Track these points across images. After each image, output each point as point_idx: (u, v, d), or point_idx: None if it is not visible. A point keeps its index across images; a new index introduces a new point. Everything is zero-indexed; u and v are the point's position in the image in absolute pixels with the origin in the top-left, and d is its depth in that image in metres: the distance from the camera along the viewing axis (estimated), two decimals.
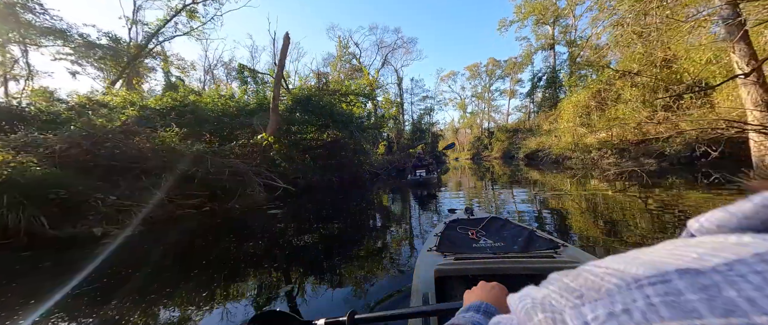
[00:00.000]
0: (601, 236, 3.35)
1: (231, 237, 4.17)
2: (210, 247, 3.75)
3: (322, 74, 17.26)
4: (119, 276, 2.81)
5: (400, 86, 36.55)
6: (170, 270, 3.05)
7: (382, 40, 33.74)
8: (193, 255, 3.49)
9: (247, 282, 2.63)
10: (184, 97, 8.77)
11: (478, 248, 1.72)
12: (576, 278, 0.22)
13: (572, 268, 0.23)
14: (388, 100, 23.17)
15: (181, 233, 4.50)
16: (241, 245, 3.77)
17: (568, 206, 5.14)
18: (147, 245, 3.94)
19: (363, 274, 2.70)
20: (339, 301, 2.19)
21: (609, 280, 0.19)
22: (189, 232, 4.54)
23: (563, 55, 31.18)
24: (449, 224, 2.10)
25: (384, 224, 4.80)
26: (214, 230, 4.60)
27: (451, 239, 1.84)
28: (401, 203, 6.96)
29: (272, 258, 3.23)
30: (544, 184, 8.75)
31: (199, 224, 4.88)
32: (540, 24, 31.18)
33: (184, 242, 4.06)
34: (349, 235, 4.17)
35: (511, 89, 45.83)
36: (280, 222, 4.97)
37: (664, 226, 3.58)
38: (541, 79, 32.71)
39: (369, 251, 3.36)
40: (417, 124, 34.61)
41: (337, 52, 27.94)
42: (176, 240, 4.16)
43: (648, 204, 4.78)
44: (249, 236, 4.17)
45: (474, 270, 1.39)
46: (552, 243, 1.64)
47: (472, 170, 17.65)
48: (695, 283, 0.16)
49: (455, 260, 1.47)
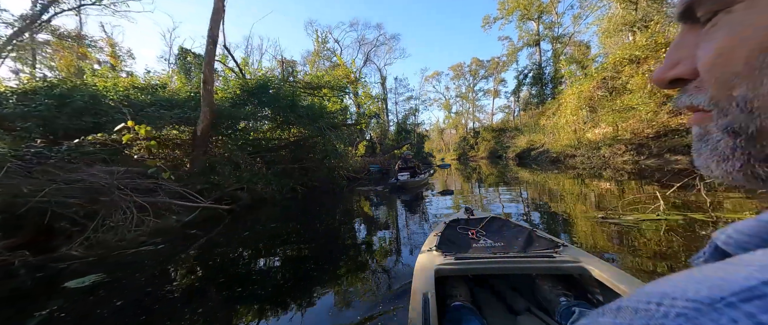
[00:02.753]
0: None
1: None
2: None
3: (287, 62, 14.48)
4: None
5: (384, 85, 34.40)
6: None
7: (363, 36, 31.57)
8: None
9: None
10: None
11: (478, 247, 1.64)
12: (618, 313, 0.18)
13: (572, 268, 0.15)
14: (368, 95, 20.53)
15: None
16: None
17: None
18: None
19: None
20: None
21: (672, 303, 0.16)
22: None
23: (548, 52, 29.94)
24: (449, 223, 2.02)
25: (350, 252, 3.31)
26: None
27: (451, 239, 1.77)
28: (380, 214, 5.47)
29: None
30: (572, 194, 6.48)
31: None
32: (525, 19, 29.73)
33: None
34: (295, 271, 2.72)
35: (494, 89, 44.88)
36: (156, 269, 2.70)
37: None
38: (527, 76, 31.27)
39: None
40: (402, 125, 32.42)
41: (315, 48, 25.31)
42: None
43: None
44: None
45: (474, 270, 1.37)
46: (552, 243, 1.57)
47: (460, 171, 15.44)
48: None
49: (455, 260, 1.41)
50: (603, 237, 2.98)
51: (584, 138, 12.16)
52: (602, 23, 18.44)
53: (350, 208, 6.38)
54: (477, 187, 8.70)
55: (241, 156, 7.49)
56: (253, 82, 9.16)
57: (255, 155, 8.41)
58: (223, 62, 11.42)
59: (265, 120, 9.93)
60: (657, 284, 0.18)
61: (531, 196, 6.21)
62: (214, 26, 6.71)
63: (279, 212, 6.13)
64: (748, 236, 0.20)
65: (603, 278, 1.16)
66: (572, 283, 1.45)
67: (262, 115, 9.21)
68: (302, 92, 11.12)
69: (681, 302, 0.15)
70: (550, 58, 29.61)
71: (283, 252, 3.33)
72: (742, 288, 0.14)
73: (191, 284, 2.55)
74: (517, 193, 6.69)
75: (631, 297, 0.18)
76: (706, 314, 0.14)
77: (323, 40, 25.72)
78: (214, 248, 3.50)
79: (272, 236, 4.06)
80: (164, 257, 3.17)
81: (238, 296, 2.24)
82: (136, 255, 3.21)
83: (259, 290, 2.35)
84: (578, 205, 4.76)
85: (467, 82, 46.93)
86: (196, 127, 6.97)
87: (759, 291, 0.14)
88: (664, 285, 0.17)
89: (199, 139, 7.00)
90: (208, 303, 2.14)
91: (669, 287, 0.17)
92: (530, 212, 4.59)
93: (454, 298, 1.31)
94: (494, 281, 1.59)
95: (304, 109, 9.33)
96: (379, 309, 1.87)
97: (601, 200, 4.92)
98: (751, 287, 0.14)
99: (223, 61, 11.44)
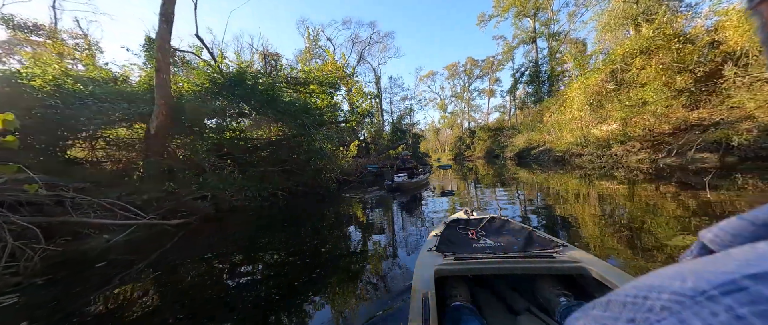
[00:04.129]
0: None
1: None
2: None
3: (271, 55, 13.18)
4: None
5: (378, 85, 33.34)
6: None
7: (356, 35, 30.39)
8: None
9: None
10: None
11: (477, 247, 1.62)
12: (607, 306, 0.19)
13: (571, 268, 0.16)
14: (360, 91, 19.11)
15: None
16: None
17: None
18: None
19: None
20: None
21: (658, 296, 0.16)
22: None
23: (544, 50, 29.13)
24: (449, 223, 2.00)
25: (340, 262, 2.81)
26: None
27: (450, 239, 1.75)
28: (374, 217, 5.04)
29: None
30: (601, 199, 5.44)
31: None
32: (521, 16, 28.86)
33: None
34: (277, 288, 2.22)
35: (489, 88, 44.07)
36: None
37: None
38: (523, 74, 30.40)
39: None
40: (397, 125, 31.31)
41: (306, 45, 24.10)
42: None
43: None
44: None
45: (474, 270, 1.37)
46: (552, 243, 1.54)
47: (456, 171, 14.40)
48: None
49: (455, 260, 1.41)
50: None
51: (591, 135, 11.18)
52: (602, 18, 17.66)
53: (340, 213, 5.61)
54: (473, 187, 8.06)
55: (207, 159, 6.32)
56: (227, 74, 7.98)
57: (226, 157, 7.24)
58: (197, 54, 10.23)
59: (243, 117, 8.77)
60: (646, 278, 0.18)
61: (553, 202, 5.16)
62: (167, 2, 5.54)
63: (254, 223, 5.09)
64: (732, 234, 0.21)
65: (603, 278, 1.15)
66: (572, 283, 1.41)
67: (238, 112, 8.03)
68: (286, 87, 9.96)
69: (666, 296, 0.16)
70: (546, 56, 28.84)
71: (254, 269, 2.72)
72: (723, 282, 0.15)
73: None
74: (531, 196, 5.64)
75: (621, 291, 0.19)
76: (689, 307, 0.15)
77: (315, 38, 24.52)
78: (126, 282, 2.36)
79: (242, 250, 3.24)
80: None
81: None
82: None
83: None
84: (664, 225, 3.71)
85: (462, 81, 46.11)
86: (149, 125, 5.80)
87: (739, 285, 0.14)
88: (652, 279, 0.18)
89: (153, 139, 5.82)
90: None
91: (656, 280, 0.17)
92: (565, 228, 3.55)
93: (454, 298, 1.29)
94: (494, 281, 1.55)
95: (286, 104, 8.19)
96: (378, 311, 1.80)
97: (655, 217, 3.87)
98: (732, 280, 0.14)
99: (197, 53, 10.24)
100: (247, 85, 7.68)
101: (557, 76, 27.71)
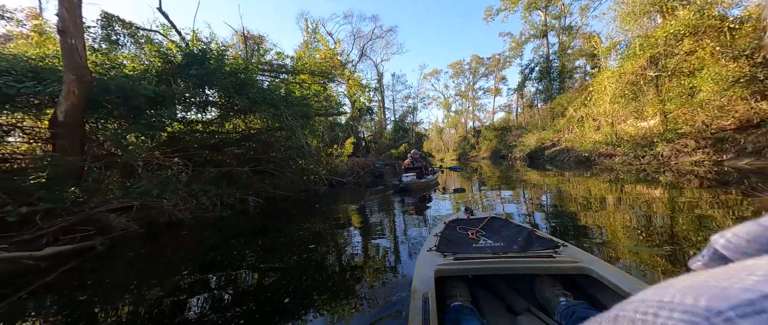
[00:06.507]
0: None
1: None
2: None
3: (254, 38, 11.33)
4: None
5: (381, 83, 31.57)
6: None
7: (358, 29, 28.70)
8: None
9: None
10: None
11: (478, 247, 1.60)
12: (616, 322, 0.17)
13: (572, 268, 0.17)
14: (358, 83, 17.02)
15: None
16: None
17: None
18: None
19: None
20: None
21: (669, 315, 0.15)
22: None
23: (555, 45, 27.12)
24: (449, 223, 1.96)
25: (328, 282, 2.30)
26: None
27: (450, 239, 1.72)
28: (374, 220, 4.40)
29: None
30: None
31: None
32: (531, 9, 26.86)
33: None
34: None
35: (495, 87, 42.09)
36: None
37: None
38: (533, 70, 28.42)
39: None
40: (399, 123, 29.53)
41: (305, 38, 22.42)
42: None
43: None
44: None
45: (474, 270, 1.35)
46: (552, 243, 1.52)
47: (461, 173, 12.61)
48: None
49: (455, 260, 1.39)
50: None
51: (623, 132, 9.35)
52: (623, 5, 15.75)
53: (330, 221, 4.54)
54: (477, 188, 6.99)
55: (140, 155, 4.67)
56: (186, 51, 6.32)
57: (178, 154, 5.59)
58: (165, 35, 8.60)
59: (212, 106, 7.10)
60: (656, 290, 0.17)
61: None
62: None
63: (207, 241, 3.68)
64: (747, 240, 0.19)
65: (603, 278, 1.12)
66: (572, 283, 1.38)
67: (199, 101, 6.36)
68: (266, 73, 8.28)
69: (678, 315, 0.14)
70: (556, 52, 26.85)
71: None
72: (741, 302, 0.13)
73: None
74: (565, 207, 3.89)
75: (629, 305, 0.18)
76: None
77: (314, 30, 22.83)
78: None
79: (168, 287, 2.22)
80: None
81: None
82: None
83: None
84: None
85: (467, 80, 44.17)
86: (56, 109, 4.16)
87: (759, 307, 0.12)
88: (662, 292, 0.16)
89: (62, 127, 4.18)
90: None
91: (667, 294, 0.16)
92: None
93: (453, 298, 1.28)
94: (494, 281, 1.51)
95: (258, 91, 6.51)
96: (378, 311, 1.74)
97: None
98: (750, 301, 0.13)
99: (164, 33, 8.61)
100: (209, 66, 6.02)
101: (569, 73, 25.75)
